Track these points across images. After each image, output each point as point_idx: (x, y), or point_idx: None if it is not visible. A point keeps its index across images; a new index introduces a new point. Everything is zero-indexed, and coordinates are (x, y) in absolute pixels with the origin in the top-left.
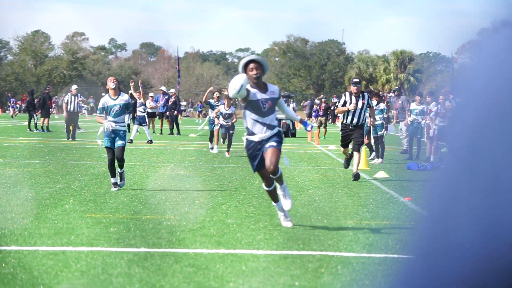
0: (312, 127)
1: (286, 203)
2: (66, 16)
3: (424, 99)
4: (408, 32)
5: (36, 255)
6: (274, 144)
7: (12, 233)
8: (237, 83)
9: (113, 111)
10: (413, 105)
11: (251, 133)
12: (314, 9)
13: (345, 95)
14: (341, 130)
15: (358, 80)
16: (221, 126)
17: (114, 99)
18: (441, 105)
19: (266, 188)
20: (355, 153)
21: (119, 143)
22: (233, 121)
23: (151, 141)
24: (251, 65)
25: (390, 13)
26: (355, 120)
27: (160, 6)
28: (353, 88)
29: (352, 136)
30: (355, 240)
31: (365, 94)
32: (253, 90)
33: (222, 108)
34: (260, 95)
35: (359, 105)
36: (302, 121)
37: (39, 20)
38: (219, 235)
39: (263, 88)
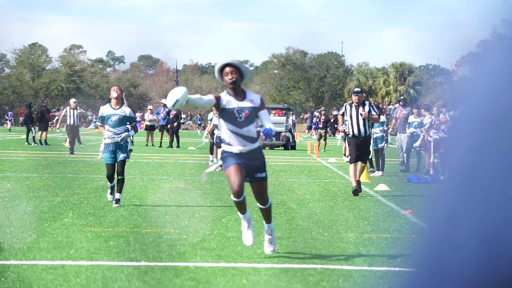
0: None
1: (268, 248)
2: (63, 29)
3: (421, 112)
4: (407, 44)
5: (35, 270)
6: (263, 175)
7: (11, 247)
8: (172, 97)
9: (111, 121)
10: (411, 118)
11: (227, 144)
12: (313, 21)
13: (345, 106)
14: (349, 143)
15: (359, 89)
16: (217, 137)
17: (115, 109)
18: (435, 116)
19: (235, 199)
20: (361, 163)
21: (120, 156)
22: None
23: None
24: (227, 69)
25: (389, 25)
26: (361, 130)
27: (158, 19)
28: (354, 98)
29: (363, 149)
30: (356, 253)
31: (366, 103)
32: (227, 98)
33: (216, 120)
34: (235, 104)
35: (359, 116)
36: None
37: (37, 33)
38: (220, 249)
39: (240, 95)
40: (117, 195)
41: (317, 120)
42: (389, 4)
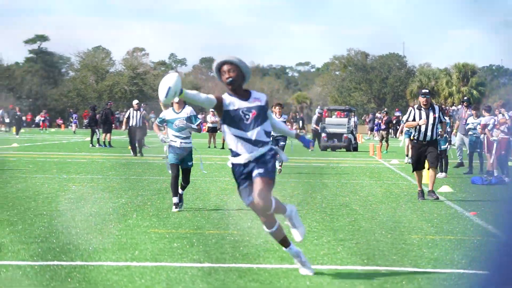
0: (313, 144)
1: (296, 234)
2: (126, 32)
3: (481, 113)
4: (470, 45)
5: (101, 271)
6: (261, 171)
7: (77, 248)
8: (164, 86)
9: (175, 126)
10: (470, 119)
11: (235, 154)
12: (375, 23)
13: (413, 108)
14: (412, 147)
15: (427, 90)
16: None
17: (177, 113)
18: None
19: (267, 230)
20: (432, 169)
21: (188, 164)
22: None
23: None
24: (225, 67)
25: (452, 26)
26: (428, 135)
27: (221, 21)
28: (422, 100)
29: (427, 151)
30: (420, 255)
31: (436, 107)
32: (230, 99)
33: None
34: (239, 104)
35: (430, 119)
36: (299, 137)
37: (100, 37)
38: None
39: (244, 95)
40: (175, 199)
41: (379, 121)
42: (452, 6)
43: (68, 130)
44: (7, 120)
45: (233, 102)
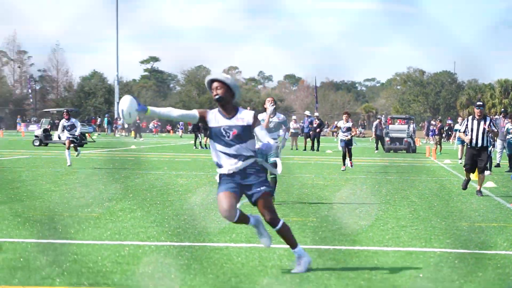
0: (272, 147)
1: (263, 241)
2: (222, 53)
3: None
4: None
5: (205, 250)
6: (263, 188)
7: (185, 231)
8: (119, 109)
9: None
10: (508, 125)
11: (219, 166)
12: (430, 44)
13: (467, 119)
14: (467, 150)
15: (482, 103)
16: (341, 140)
17: (272, 118)
18: None
19: (227, 221)
20: (480, 175)
21: (271, 160)
22: (352, 134)
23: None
24: (214, 84)
25: (495, 48)
26: (479, 142)
27: (301, 44)
28: (476, 111)
29: (479, 157)
30: (469, 239)
31: (488, 118)
32: (214, 116)
33: (341, 123)
34: (223, 122)
35: (480, 129)
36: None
37: (202, 58)
38: (354, 235)
39: (230, 113)
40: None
41: (434, 128)
42: (496, 31)
43: (175, 135)
44: (126, 126)
45: (216, 119)
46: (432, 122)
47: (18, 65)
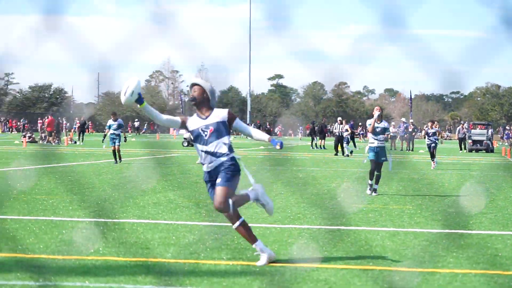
0: (281, 144)
1: (262, 258)
2: (334, 69)
3: None
4: None
5: (232, 231)
6: (219, 181)
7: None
8: (126, 89)
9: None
10: None
11: (202, 164)
12: (506, 64)
13: None
14: None
15: None
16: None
17: (378, 123)
18: None
19: (232, 226)
20: None
21: (382, 159)
22: (437, 137)
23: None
24: (193, 88)
25: None
26: None
27: (399, 62)
28: None
29: None
30: None
31: None
32: (192, 120)
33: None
34: (199, 123)
35: None
36: (271, 140)
37: (315, 72)
38: (373, 219)
39: (206, 113)
40: (375, 185)
41: (508, 132)
42: None
43: (295, 137)
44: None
45: (194, 123)
46: (507, 127)
47: (172, 81)
